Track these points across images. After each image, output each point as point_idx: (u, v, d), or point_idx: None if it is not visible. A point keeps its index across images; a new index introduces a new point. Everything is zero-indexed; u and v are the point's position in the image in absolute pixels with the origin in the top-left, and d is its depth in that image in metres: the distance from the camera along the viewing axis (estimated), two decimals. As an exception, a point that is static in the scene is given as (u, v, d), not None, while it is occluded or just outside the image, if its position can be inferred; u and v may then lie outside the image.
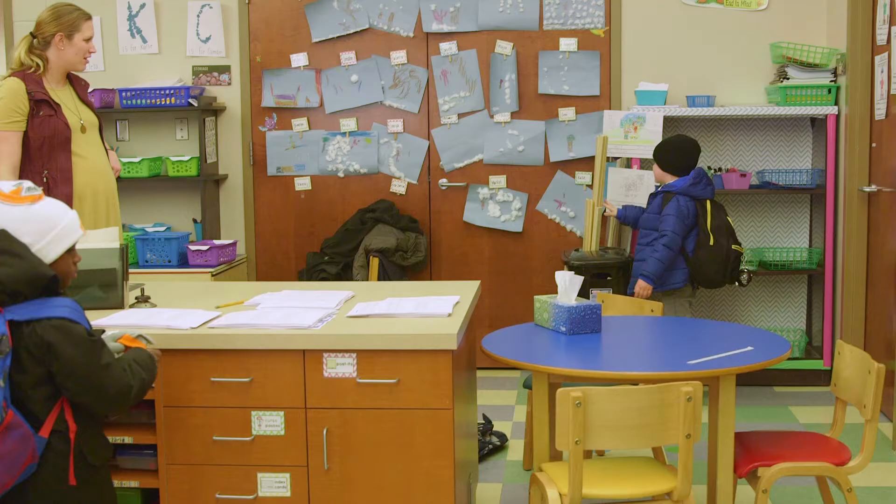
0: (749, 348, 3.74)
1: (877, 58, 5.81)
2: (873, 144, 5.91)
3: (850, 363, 3.74)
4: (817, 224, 6.45)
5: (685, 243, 5.61)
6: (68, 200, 4.60)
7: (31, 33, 4.69)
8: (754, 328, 4.30)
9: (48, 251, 2.85)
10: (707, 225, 5.61)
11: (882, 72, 5.69)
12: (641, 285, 5.59)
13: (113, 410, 2.94)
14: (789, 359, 6.05)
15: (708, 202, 5.65)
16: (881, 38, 5.71)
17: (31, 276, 2.75)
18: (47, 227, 2.86)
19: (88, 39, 4.71)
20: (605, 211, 6.16)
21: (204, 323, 3.50)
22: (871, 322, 5.94)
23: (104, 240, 4.12)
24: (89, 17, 4.74)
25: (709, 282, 5.70)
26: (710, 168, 6.50)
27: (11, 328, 2.71)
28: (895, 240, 5.52)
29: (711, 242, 5.59)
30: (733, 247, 5.67)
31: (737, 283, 5.84)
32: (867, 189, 5.88)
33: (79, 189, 4.68)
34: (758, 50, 6.52)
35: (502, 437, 5.28)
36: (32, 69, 4.64)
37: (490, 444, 5.19)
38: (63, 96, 4.72)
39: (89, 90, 4.97)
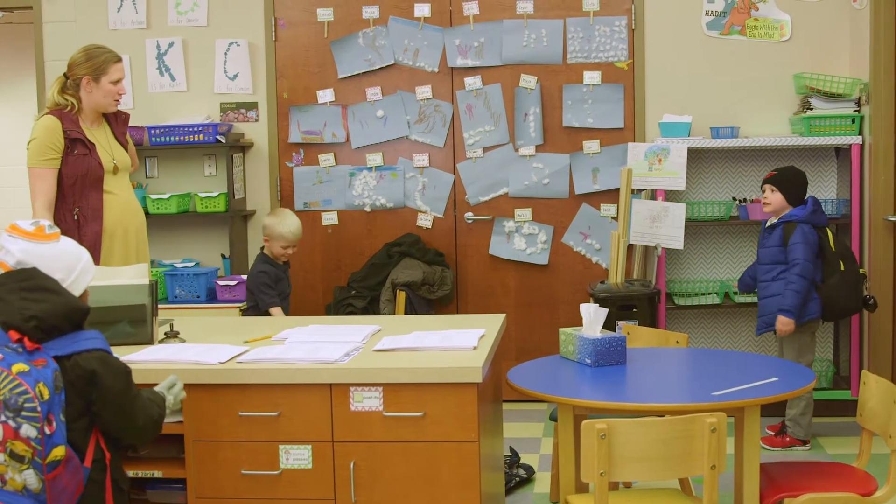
0: (773, 379, 3.74)
1: (900, 87, 5.83)
2: (898, 174, 5.91)
3: (875, 393, 3.74)
4: (843, 254, 6.43)
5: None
6: (97, 238, 4.67)
7: (64, 74, 4.78)
8: (779, 359, 4.30)
9: (76, 286, 2.94)
10: (833, 251, 5.48)
11: (905, 101, 5.70)
12: (783, 321, 5.38)
13: (138, 440, 3.02)
14: (817, 389, 6.03)
15: (827, 228, 5.56)
16: (904, 67, 5.73)
17: (68, 310, 2.83)
18: (73, 262, 2.96)
19: (116, 82, 4.76)
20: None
21: (232, 358, 3.54)
22: (899, 352, 5.92)
23: (133, 276, 4.19)
24: (118, 60, 4.79)
25: (843, 310, 5.55)
26: (734, 199, 6.50)
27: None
28: (921, 269, 5.52)
29: (842, 268, 5.45)
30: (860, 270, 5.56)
31: (867, 309, 5.69)
32: (892, 218, 5.88)
33: (109, 226, 4.74)
34: (781, 81, 6.53)
35: (529, 470, 5.29)
36: (68, 108, 4.72)
37: (517, 477, 5.19)
38: (98, 136, 4.79)
39: (129, 123, 5.04)
